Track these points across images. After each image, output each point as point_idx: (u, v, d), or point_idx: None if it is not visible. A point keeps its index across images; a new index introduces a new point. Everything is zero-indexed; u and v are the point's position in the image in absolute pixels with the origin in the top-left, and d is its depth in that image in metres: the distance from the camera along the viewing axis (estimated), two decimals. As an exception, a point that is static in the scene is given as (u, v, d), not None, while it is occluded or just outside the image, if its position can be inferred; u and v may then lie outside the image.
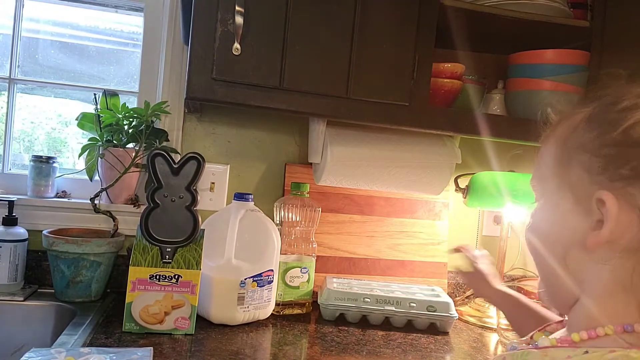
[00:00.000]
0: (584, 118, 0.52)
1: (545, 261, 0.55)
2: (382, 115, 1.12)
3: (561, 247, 0.52)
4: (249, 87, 1.05)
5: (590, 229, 0.49)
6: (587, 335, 0.48)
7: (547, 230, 0.55)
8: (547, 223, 0.55)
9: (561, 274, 0.53)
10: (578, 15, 1.23)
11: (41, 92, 1.42)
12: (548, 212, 0.55)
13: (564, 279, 0.53)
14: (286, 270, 1.24)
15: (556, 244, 0.53)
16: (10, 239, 1.19)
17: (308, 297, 1.27)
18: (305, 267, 1.26)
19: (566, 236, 0.52)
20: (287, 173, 1.40)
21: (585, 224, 0.49)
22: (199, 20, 1.02)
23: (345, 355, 1.03)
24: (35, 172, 1.31)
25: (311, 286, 1.28)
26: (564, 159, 0.52)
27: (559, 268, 0.53)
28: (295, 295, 1.25)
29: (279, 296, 1.23)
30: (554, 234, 0.54)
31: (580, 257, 0.51)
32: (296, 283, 1.25)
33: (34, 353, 0.82)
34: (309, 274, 1.27)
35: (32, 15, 1.38)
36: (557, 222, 0.53)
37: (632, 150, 0.46)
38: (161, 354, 0.94)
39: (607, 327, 0.48)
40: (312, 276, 1.28)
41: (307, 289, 1.27)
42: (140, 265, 1.02)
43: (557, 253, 0.53)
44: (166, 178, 1.05)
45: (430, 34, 1.12)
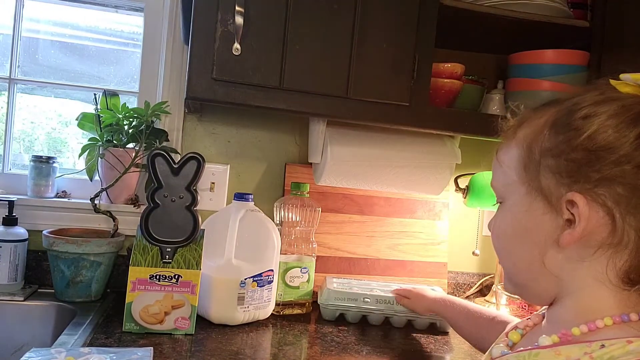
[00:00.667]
0: (547, 123, 0.54)
1: (517, 262, 0.57)
2: (382, 115, 1.12)
3: (538, 250, 0.54)
4: (249, 87, 1.05)
5: (561, 229, 0.51)
6: (588, 328, 0.50)
7: (520, 233, 0.56)
8: (519, 226, 0.56)
9: (540, 275, 0.54)
10: (578, 16, 1.23)
11: (41, 92, 1.42)
12: (519, 215, 0.55)
13: (542, 279, 0.55)
14: (286, 270, 1.24)
15: (533, 247, 0.54)
16: (11, 239, 1.19)
17: (308, 297, 1.27)
18: (305, 267, 1.26)
19: (541, 238, 0.53)
20: (287, 173, 1.40)
21: (556, 224, 0.52)
22: (199, 21, 1.02)
23: (345, 355, 1.03)
24: (36, 172, 1.31)
25: (311, 286, 1.28)
26: (530, 163, 0.54)
27: (538, 269, 0.54)
28: (295, 295, 1.25)
29: (279, 296, 1.23)
30: (528, 237, 0.55)
31: (557, 258, 0.53)
32: (296, 283, 1.25)
33: (34, 353, 0.82)
34: (309, 274, 1.27)
35: (32, 15, 1.38)
36: (530, 225, 0.54)
37: (599, 154, 0.49)
38: (161, 354, 0.94)
39: (605, 318, 0.49)
40: (312, 276, 1.28)
41: (307, 289, 1.27)
42: (140, 265, 1.02)
43: (535, 256, 0.54)
44: (166, 178, 1.05)
45: (430, 34, 1.12)
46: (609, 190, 0.49)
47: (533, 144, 0.54)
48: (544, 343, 0.52)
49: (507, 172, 0.57)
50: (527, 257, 0.55)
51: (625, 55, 1.15)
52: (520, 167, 0.55)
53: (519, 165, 0.55)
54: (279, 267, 1.22)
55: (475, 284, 1.54)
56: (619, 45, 1.17)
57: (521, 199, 0.55)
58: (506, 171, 0.57)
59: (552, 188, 0.52)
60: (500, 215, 0.59)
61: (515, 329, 0.62)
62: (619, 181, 0.48)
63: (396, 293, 1.21)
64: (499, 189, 0.59)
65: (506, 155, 0.58)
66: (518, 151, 0.56)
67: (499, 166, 0.59)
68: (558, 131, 0.52)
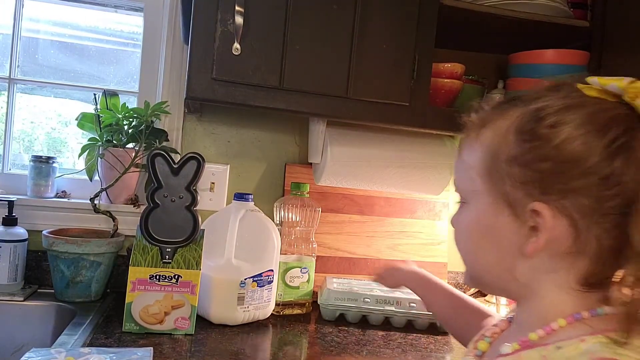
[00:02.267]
0: (511, 128, 0.52)
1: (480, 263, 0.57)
2: (382, 115, 1.12)
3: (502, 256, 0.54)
4: (249, 87, 1.05)
5: (526, 237, 0.51)
6: (544, 332, 0.50)
7: (484, 237, 0.55)
8: (484, 231, 0.55)
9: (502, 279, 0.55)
10: (578, 15, 1.23)
11: (41, 92, 1.42)
12: (484, 221, 0.55)
13: (504, 282, 0.55)
14: (286, 271, 1.24)
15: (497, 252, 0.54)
16: (10, 239, 1.19)
17: (308, 297, 1.27)
18: (305, 267, 1.26)
19: (505, 244, 0.53)
20: (287, 173, 1.40)
21: (521, 232, 0.51)
22: (199, 20, 1.02)
23: (345, 355, 1.03)
24: (35, 172, 1.30)
25: (311, 286, 1.27)
26: (496, 170, 0.53)
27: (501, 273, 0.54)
28: (295, 295, 1.25)
29: (279, 296, 1.23)
30: (492, 242, 0.54)
31: (521, 265, 0.52)
32: (296, 283, 1.25)
33: (34, 353, 0.82)
34: (309, 274, 1.27)
35: (32, 15, 1.38)
36: (495, 232, 0.54)
37: (565, 166, 0.48)
38: (161, 354, 0.94)
39: (559, 320, 0.50)
40: (312, 276, 1.28)
41: (307, 289, 1.27)
42: (140, 266, 1.02)
43: (499, 261, 0.54)
44: (166, 178, 1.05)
45: (431, 33, 1.12)
46: (574, 201, 0.48)
47: (498, 150, 0.53)
48: (506, 351, 0.52)
49: (472, 177, 0.56)
50: (490, 261, 0.55)
51: (625, 55, 1.15)
52: (485, 173, 0.54)
53: (484, 171, 0.54)
54: (279, 267, 1.22)
55: (475, 284, 1.54)
56: (619, 45, 1.17)
57: (487, 206, 0.54)
58: (471, 175, 0.56)
59: (518, 197, 0.51)
60: (464, 215, 0.58)
61: (482, 337, 0.61)
62: (584, 193, 0.48)
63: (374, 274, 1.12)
64: (463, 190, 0.58)
65: (470, 157, 0.56)
66: (483, 155, 0.54)
67: (463, 167, 0.58)
68: (524, 139, 0.51)
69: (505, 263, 0.53)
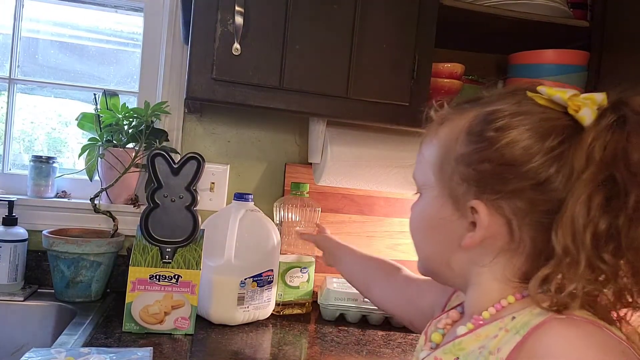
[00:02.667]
0: (464, 129, 0.55)
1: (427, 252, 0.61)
2: (382, 115, 1.12)
3: (445, 247, 0.57)
4: (249, 87, 1.05)
5: (465, 230, 0.54)
6: (495, 309, 0.53)
7: (430, 228, 0.59)
8: (431, 222, 0.59)
9: (447, 268, 0.58)
10: (578, 15, 1.23)
11: (41, 92, 1.42)
12: (432, 212, 0.58)
13: (448, 271, 0.58)
14: (286, 270, 1.24)
15: (441, 243, 0.58)
16: (10, 239, 1.19)
17: (308, 297, 1.27)
18: (305, 267, 1.26)
19: (448, 237, 0.56)
20: (287, 173, 1.40)
21: (462, 226, 0.54)
22: (199, 20, 1.02)
23: (345, 355, 1.03)
24: (35, 172, 1.31)
25: (311, 286, 1.27)
26: (446, 167, 0.56)
27: (445, 263, 0.58)
28: (295, 295, 1.25)
29: (278, 296, 1.23)
30: (437, 233, 0.58)
31: (461, 257, 0.56)
32: (296, 283, 1.25)
33: (34, 353, 0.82)
34: (308, 274, 1.27)
35: (32, 15, 1.38)
36: (439, 223, 0.57)
37: (504, 168, 0.50)
38: (161, 354, 0.94)
39: (508, 297, 0.53)
40: (312, 276, 1.28)
41: (307, 288, 1.27)
42: (140, 266, 1.02)
43: (443, 251, 0.58)
44: (166, 178, 1.05)
45: (430, 33, 1.12)
46: (509, 202, 0.51)
47: (450, 147, 0.55)
48: (462, 332, 0.55)
49: (426, 169, 0.59)
50: (436, 251, 0.59)
51: (625, 55, 1.15)
52: (437, 167, 0.57)
53: (436, 165, 0.57)
54: (278, 267, 1.22)
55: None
56: (619, 45, 1.17)
57: (434, 199, 0.57)
58: (425, 167, 0.59)
59: (460, 193, 0.54)
60: (418, 205, 0.61)
61: (435, 329, 0.63)
62: (519, 195, 0.50)
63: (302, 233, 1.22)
64: (418, 182, 0.62)
65: (427, 150, 0.60)
66: (437, 150, 0.58)
67: (420, 161, 0.61)
68: (472, 139, 0.53)
69: (445, 253, 0.57)
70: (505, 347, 0.48)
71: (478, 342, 0.52)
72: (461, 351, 0.53)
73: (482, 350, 0.51)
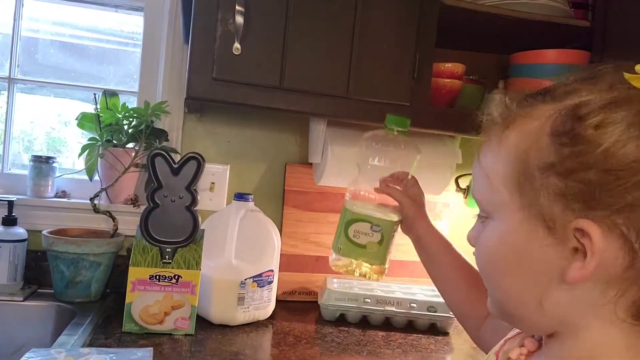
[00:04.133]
0: (544, 129, 0.44)
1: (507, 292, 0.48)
2: (382, 115, 1.12)
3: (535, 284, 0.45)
4: (250, 86, 1.04)
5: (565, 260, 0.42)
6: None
7: (512, 261, 0.47)
8: (512, 254, 0.46)
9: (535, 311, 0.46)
10: (579, 15, 1.23)
11: (41, 92, 1.42)
12: (512, 242, 0.46)
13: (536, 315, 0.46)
14: (351, 222, 0.88)
15: (528, 280, 0.46)
16: (10, 239, 1.18)
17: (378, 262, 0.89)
18: (377, 224, 0.87)
19: (539, 271, 0.45)
20: (288, 173, 1.40)
21: (561, 256, 0.43)
22: (199, 20, 1.01)
23: (346, 355, 1.03)
24: (35, 172, 1.30)
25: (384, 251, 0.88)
26: (526, 181, 0.44)
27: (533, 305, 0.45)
28: (362, 255, 0.88)
29: (337, 249, 0.90)
30: (522, 268, 0.46)
31: (560, 295, 0.44)
32: (363, 241, 0.88)
33: (34, 353, 0.81)
34: (382, 235, 0.87)
35: (31, 14, 1.38)
36: (526, 255, 0.45)
37: (618, 174, 0.40)
38: (161, 354, 0.93)
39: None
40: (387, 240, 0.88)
41: (376, 250, 0.87)
42: (140, 266, 1.02)
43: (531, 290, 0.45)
44: (166, 178, 1.05)
45: (431, 33, 1.12)
46: (629, 218, 0.40)
47: (528, 155, 0.44)
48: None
49: (496, 187, 0.47)
50: (522, 290, 0.46)
51: (626, 55, 1.15)
52: (512, 184, 0.45)
53: (511, 182, 0.46)
54: (343, 214, 0.90)
55: (475, 284, 1.53)
56: (620, 44, 1.17)
57: (516, 225, 0.45)
58: (494, 185, 0.47)
59: (557, 214, 0.42)
60: (488, 232, 0.49)
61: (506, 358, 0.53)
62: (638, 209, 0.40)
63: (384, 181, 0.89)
64: (485, 204, 0.49)
65: (493, 163, 0.48)
66: (508, 162, 0.46)
67: (483, 175, 0.49)
68: (562, 142, 0.42)
69: (536, 291, 0.45)
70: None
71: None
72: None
73: None
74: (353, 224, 0.87)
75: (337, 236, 0.89)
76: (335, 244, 0.89)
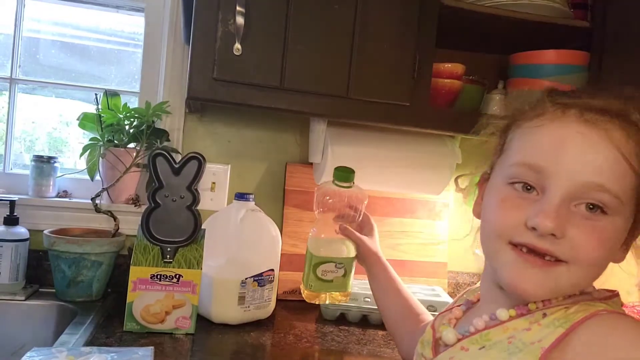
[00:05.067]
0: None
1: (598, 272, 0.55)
2: (382, 115, 1.12)
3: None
4: (250, 87, 1.05)
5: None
6: (542, 304, 0.54)
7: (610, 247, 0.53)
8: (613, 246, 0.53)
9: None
10: (578, 16, 1.23)
11: (42, 92, 1.42)
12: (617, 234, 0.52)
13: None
14: (318, 264, 0.98)
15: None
16: (12, 239, 1.19)
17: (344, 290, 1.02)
18: (341, 263, 0.99)
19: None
20: (288, 173, 1.40)
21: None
22: (200, 21, 1.02)
23: (346, 355, 1.03)
24: (37, 172, 1.31)
25: (348, 283, 1.01)
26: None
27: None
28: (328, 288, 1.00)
29: (308, 286, 0.99)
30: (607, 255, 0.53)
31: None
32: (329, 277, 0.99)
33: (35, 352, 0.82)
34: (345, 270, 1.00)
35: (33, 15, 1.39)
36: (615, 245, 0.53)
37: None
38: (162, 353, 0.94)
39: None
40: (351, 275, 1.02)
41: (342, 283, 1.00)
42: (141, 265, 1.03)
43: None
44: (167, 178, 1.05)
45: (431, 34, 1.12)
46: None
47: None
48: (502, 316, 0.56)
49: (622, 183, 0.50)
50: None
51: (626, 56, 1.15)
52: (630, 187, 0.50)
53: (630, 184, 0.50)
54: (309, 258, 0.99)
55: (475, 283, 1.54)
56: (620, 45, 1.17)
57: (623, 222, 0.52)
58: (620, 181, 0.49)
59: None
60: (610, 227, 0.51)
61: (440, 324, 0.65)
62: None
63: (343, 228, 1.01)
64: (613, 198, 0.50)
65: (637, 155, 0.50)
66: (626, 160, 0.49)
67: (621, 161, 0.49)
68: None
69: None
70: (547, 337, 0.49)
71: (506, 334, 0.54)
72: (487, 341, 0.55)
73: (512, 340, 0.52)
74: (320, 266, 0.98)
75: (306, 275, 1.00)
76: (306, 281, 1.00)
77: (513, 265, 0.53)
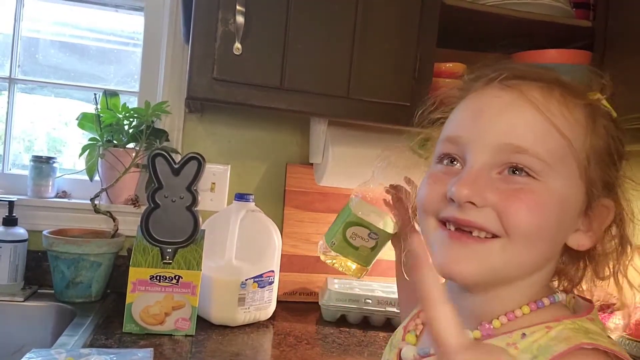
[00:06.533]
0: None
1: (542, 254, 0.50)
2: (383, 116, 1.12)
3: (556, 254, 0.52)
4: (250, 86, 1.04)
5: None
6: (507, 319, 0.48)
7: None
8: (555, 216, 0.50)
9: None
10: (580, 15, 1.23)
11: (41, 92, 1.42)
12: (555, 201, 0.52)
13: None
14: (350, 224, 0.89)
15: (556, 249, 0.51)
16: (10, 240, 1.18)
17: (364, 264, 0.91)
18: (376, 233, 0.89)
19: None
20: (288, 173, 1.40)
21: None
22: (200, 20, 1.01)
23: (347, 356, 1.03)
24: (36, 172, 1.30)
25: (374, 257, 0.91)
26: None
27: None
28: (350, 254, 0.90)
29: (330, 244, 0.91)
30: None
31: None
32: (357, 243, 0.89)
33: (34, 354, 0.81)
34: (377, 244, 0.90)
35: (32, 14, 1.38)
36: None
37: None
38: (161, 355, 0.93)
39: (522, 307, 0.49)
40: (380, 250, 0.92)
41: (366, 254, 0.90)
42: (141, 266, 1.02)
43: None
44: (167, 178, 1.04)
45: (432, 33, 1.11)
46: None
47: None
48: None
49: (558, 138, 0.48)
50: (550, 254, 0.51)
51: (628, 55, 1.15)
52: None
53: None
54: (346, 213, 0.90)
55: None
56: (622, 44, 1.17)
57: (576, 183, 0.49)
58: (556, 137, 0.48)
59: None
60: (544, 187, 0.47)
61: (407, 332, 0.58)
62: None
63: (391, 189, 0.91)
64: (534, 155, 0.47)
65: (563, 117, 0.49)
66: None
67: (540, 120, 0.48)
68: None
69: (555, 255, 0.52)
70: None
71: None
72: None
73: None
74: (353, 226, 0.88)
75: (333, 230, 0.90)
76: (329, 236, 0.90)
77: (442, 245, 0.49)
